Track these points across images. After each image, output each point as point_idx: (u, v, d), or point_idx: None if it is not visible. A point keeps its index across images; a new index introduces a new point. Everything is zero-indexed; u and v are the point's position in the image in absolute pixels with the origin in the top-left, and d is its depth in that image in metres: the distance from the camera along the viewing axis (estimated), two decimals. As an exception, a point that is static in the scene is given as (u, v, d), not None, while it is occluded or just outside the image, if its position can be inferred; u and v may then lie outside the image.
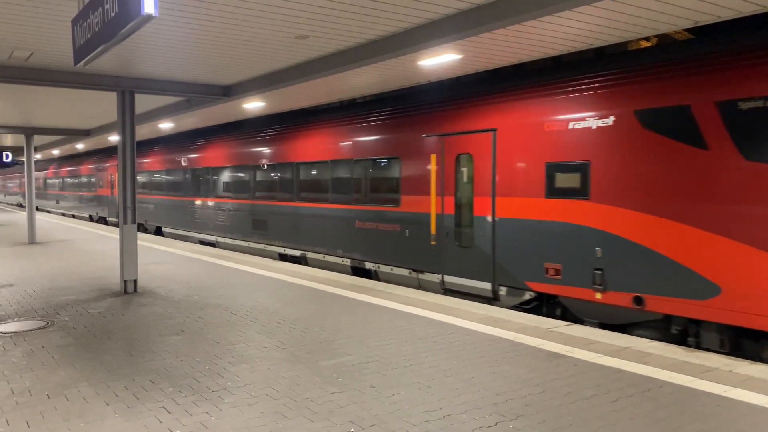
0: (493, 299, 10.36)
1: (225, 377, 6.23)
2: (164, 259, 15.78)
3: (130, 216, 11.33)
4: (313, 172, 14.99)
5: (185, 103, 14.18)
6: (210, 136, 20.86)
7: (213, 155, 19.80)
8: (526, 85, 10.14)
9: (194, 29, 7.78)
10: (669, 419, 5.13)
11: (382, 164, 12.81)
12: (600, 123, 8.66)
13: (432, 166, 11.43)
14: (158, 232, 24.64)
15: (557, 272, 9.21)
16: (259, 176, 17.27)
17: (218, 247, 19.25)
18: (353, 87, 11.27)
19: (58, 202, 40.89)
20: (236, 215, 18.42)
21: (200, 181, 20.72)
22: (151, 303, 10.04)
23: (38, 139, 26.91)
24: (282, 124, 17.08)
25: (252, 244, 17.67)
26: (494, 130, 10.20)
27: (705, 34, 8.97)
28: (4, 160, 29.24)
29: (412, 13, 7.04)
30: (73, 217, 36.75)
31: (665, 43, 9.56)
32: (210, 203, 20.07)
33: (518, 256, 9.84)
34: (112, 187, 28.80)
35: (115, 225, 27.77)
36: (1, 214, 37.96)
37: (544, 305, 9.78)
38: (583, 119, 8.89)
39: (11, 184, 60.91)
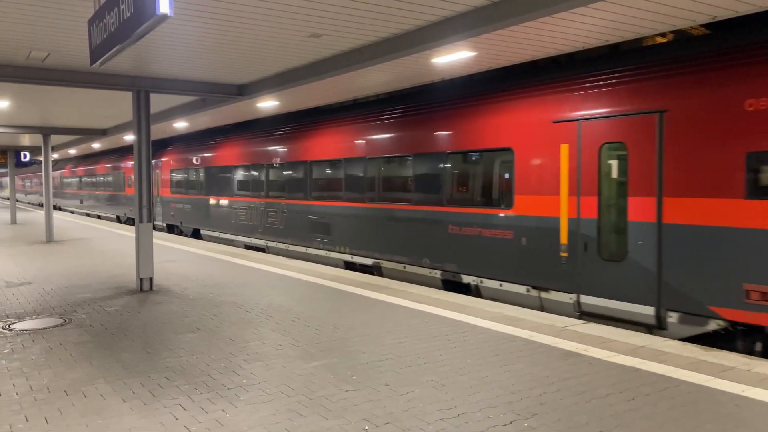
0: (656, 327, 8.27)
1: (240, 375, 6.26)
2: (180, 257, 15.89)
3: (146, 214, 11.44)
4: (392, 169, 12.93)
5: (200, 103, 14.27)
6: (260, 129, 18.87)
7: (265, 150, 17.68)
8: (714, 49, 7.96)
9: (209, 28, 7.83)
10: (686, 419, 5.09)
11: (488, 157, 10.71)
12: None
13: (562, 159, 9.27)
14: (196, 235, 22.69)
15: (765, 296, 7.18)
16: (321, 173, 15.18)
17: (268, 253, 17.48)
18: (365, 86, 11.27)
19: (82, 202, 39.40)
20: (291, 217, 16.28)
21: (248, 179, 18.62)
22: (167, 301, 10.12)
23: (55, 139, 27.20)
24: (352, 113, 14.92)
25: (311, 250, 15.56)
26: (662, 111, 8.07)
27: None
28: (22, 159, 29.60)
29: (426, 10, 7.03)
30: (99, 217, 35.36)
31: None
32: (259, 203, 17.94)
33: (699, 274, 7.74)
34: None
35: None
36: (20, 213, 38.43)
37: (738, 338, 7.66)
38: None
39: (29, 184, 61.61)
